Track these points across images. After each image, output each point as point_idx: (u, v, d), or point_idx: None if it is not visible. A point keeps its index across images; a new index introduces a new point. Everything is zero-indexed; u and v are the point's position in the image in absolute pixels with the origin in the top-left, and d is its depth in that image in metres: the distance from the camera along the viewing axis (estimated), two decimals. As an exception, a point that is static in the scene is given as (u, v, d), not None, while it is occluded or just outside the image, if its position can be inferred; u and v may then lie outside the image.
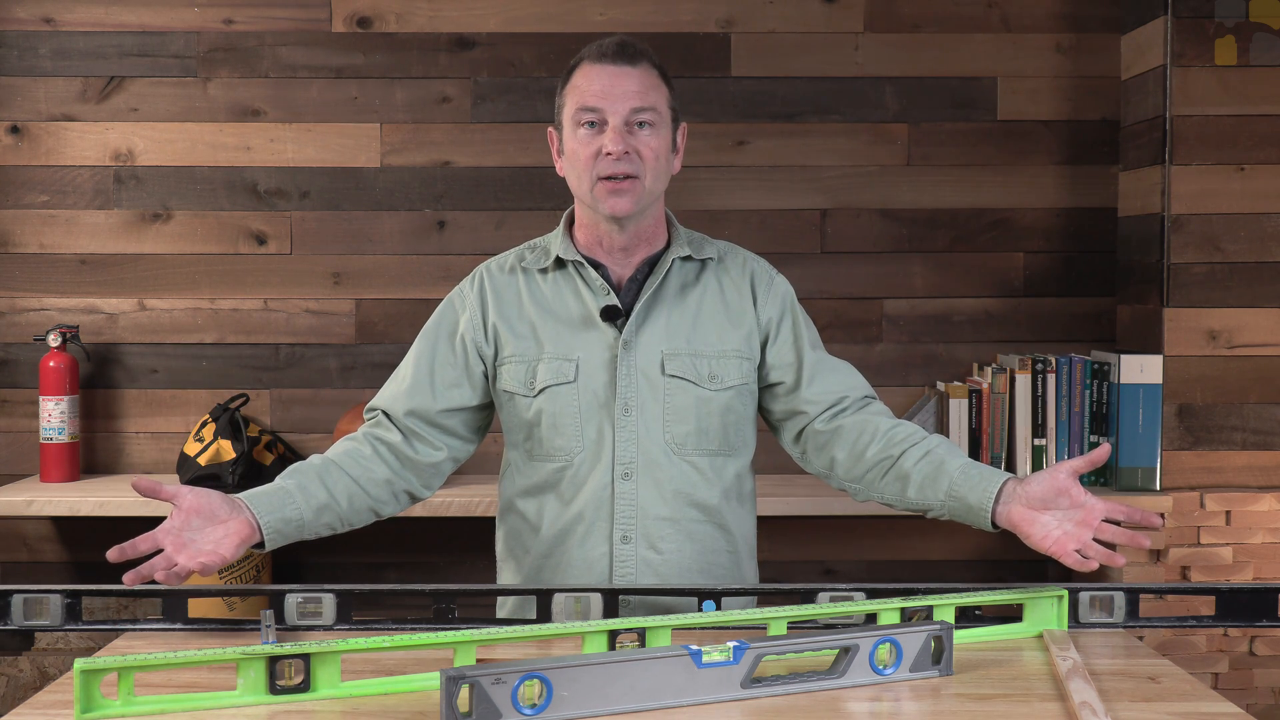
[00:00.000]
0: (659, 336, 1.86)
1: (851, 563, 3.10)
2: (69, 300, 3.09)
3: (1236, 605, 1.71)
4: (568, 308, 1.88)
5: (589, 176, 1.81)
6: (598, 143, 1.80)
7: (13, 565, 3.09)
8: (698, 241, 1.93)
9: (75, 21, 3.06)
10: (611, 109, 1.79)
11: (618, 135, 1.79)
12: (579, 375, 1.84)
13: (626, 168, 1.79)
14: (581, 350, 1.85)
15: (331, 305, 3.10)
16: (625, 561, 1.84)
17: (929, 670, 1.53)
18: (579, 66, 1.84)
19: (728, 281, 1.92)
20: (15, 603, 1.63)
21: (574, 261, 1.88)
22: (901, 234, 3.12)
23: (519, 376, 1.86)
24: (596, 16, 3.07)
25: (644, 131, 1.81)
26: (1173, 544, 2.87)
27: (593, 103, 1.80)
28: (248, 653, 1.41)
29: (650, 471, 1.84)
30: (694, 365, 1.86)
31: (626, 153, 1.79)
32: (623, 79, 1.80)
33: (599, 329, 1.86)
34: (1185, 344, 2.87)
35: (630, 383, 1.84)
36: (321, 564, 3.12)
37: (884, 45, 3.09)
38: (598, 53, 1.83)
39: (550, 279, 1.90)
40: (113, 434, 3.10)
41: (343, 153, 3.08)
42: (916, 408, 3.06)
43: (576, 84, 1.83)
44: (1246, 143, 2.85)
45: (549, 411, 1.85)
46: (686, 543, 1.86)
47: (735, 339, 1.89)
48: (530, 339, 1.87)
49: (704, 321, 1.88)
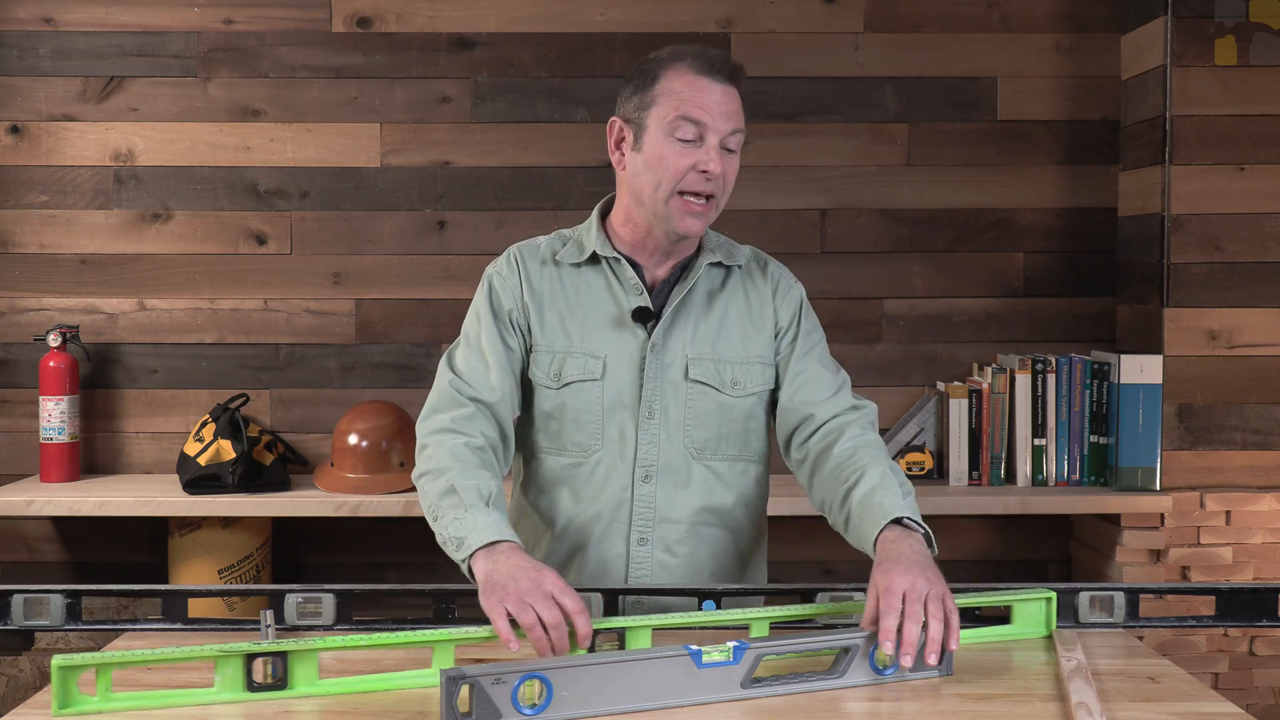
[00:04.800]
0: (685, 341, 1.85)
1: (852, 563, 3.10)
2: (69, 300, 3.09)
3: (1236, 605, 1.71)
4: (599, 304, 1.86)
5: (671, 186, 1.77)
6: (694, 157, 1.76)
7: (13, 565, 3.09)
8: (726, 247, 1.92)
9: (75, 21, 3.06)
10: (715, 127, 1.76)
11: (718, 155, 1.76)
12: (606, 374, 1.83)
13: (713, 188, 1.78)
14: (610, 349, 1.84)
15: (331, 305, 3.10)
16: (641, 563, 1.84)
17: (929, 670, 1.52)
18: (674, 69, 1.78)
19: (753, 288, 1.91)
20: (15, 603, 1.63)
21: (609, 258, 1.86)
22: (901, 234, 3.12)
23: (544, 367, 1.85)
24: (596, 16, 3.07)
25: (731, 153, 1.79)
26: (1173, 544, 2.87)
27: (698, 115, 1.75)
28: (225, 650, 1.42)
29: (670, 475, 1.84)
30: (717, 371, 1.85)
31: (721, 173, 1.77)
32: (725, 97, 1.77)
33: (629, 329, 1.84)
34: (1185, 344, 2.87)
35: (656, 386, 1.83)
36: (321, 564, 3.12)
37: (884, 45, 3.09)
38: (706, 64, 1.77)
39: (582, 273, 1.87)
40: (113, 434, 3.10)
41: (343, 153, 3.08)
42: (916, 408, 3.06)
43: (676, 89, 1.77)
44: (1246, 143, 2.85)
45: (571, 406, 1.83)
46: (701, 546, 1.86)
47: (759, 345, 1.88)
48: (559, 332, 1.85)
49: (729, 328, 1.87)
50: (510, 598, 1.51)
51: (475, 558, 1.60)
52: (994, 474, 2.95)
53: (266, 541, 2.98)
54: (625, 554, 1.84)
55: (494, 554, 1.59)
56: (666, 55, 1.80)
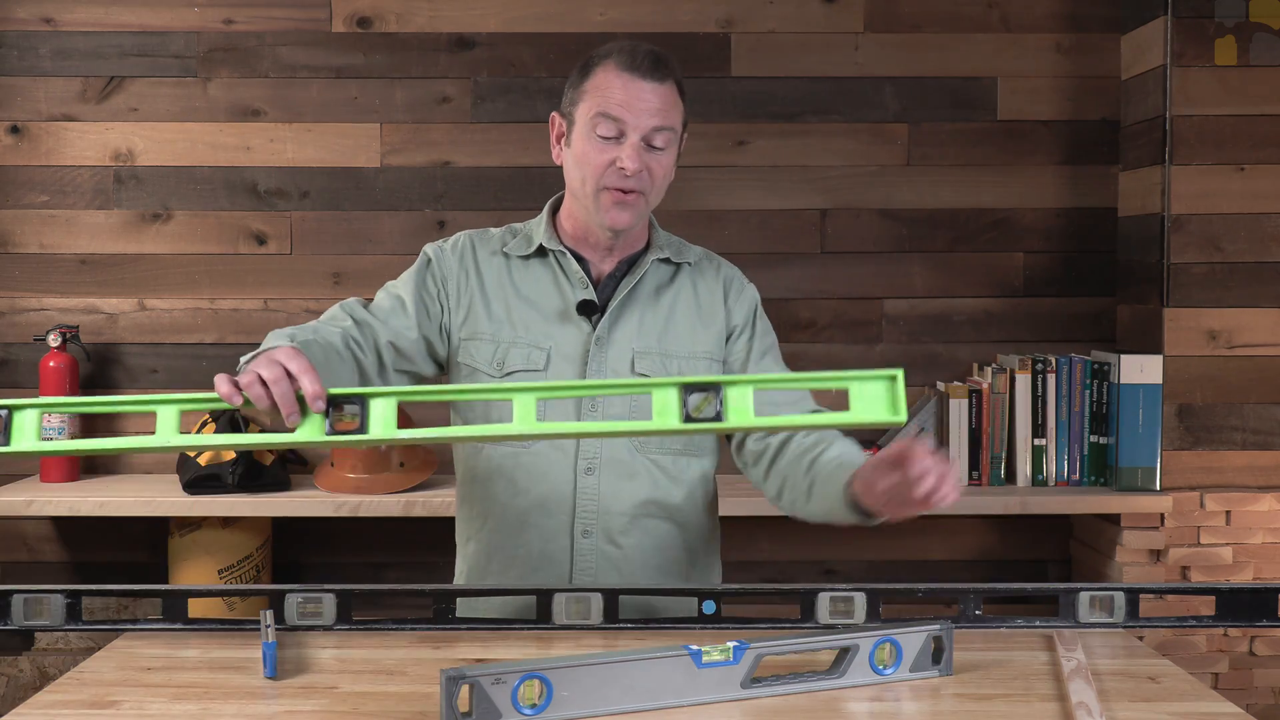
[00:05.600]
0: (631, 334, 1.85)
1: (851, 563, 3.10)
2: (69, 300, 3.09)
3: (1236, 605, 1.71)
4: (545, 297, 1.87)
5: (595, 182, 1.79)
6: (613, 153, 1.77)
7: (13, 565, 3.09)
8: (676, 245, 1.93)
9: (75, 21, 3.06)
10: (633, 123, 1.76)
11: (635, 153, 1.76)
12: (549, 365, 1.83)
13: (636, 184, 1.78)
14: (554, 341, 1.84)
15: (331, 305, 3.09)
16: (585, 555, 1.83)
17: (929, 670, 1.53)
18: (603, 66, 1.79)
19: (702, 285, 1.91)
20: (15, 603, 1.63)
21: (556, 251, 1.87)
22: (901, 234, 3.12)
23: (486, 355, 1.85)
24: (596, 16, 3.07)
25: (658, 149, 1.79)
26: (1173, 544, 2.87)
27: (615, 113, 1.76)
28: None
29: (613, 468, 1.83)
30: (664, 365, 1.85)
31: (639, 170, 1.77)
32: (649, 94, 1.77)
33: (573, 322, 1.85)
34: (1185, 344, 2.87)
35: (599, 378, 1.82)
36: (321, 564, 3.12)
37: (884, 45, 3.09)
38: (630, 61, 1.78)
39: (529, 266, 1.89)
40: (113, 434, 3.10)
41: (343, 153, 3.08)
42: (916, 408, 3.06)
43: (599, 85, 1.78)
44: (1246, 143, 2.85)
45: None
46: (645, 538, 1.85)
47: (707, 341, 1.88)
48: (504, 321, 1.86)
49: (676, 322, 1.88)
50: (243, 374, 1.52)
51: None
52: (994, 474, 2.95)
53: (266, 541, 2.98)
54: (570, 546, 1.83)
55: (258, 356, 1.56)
56: (602, 51, 1.82)
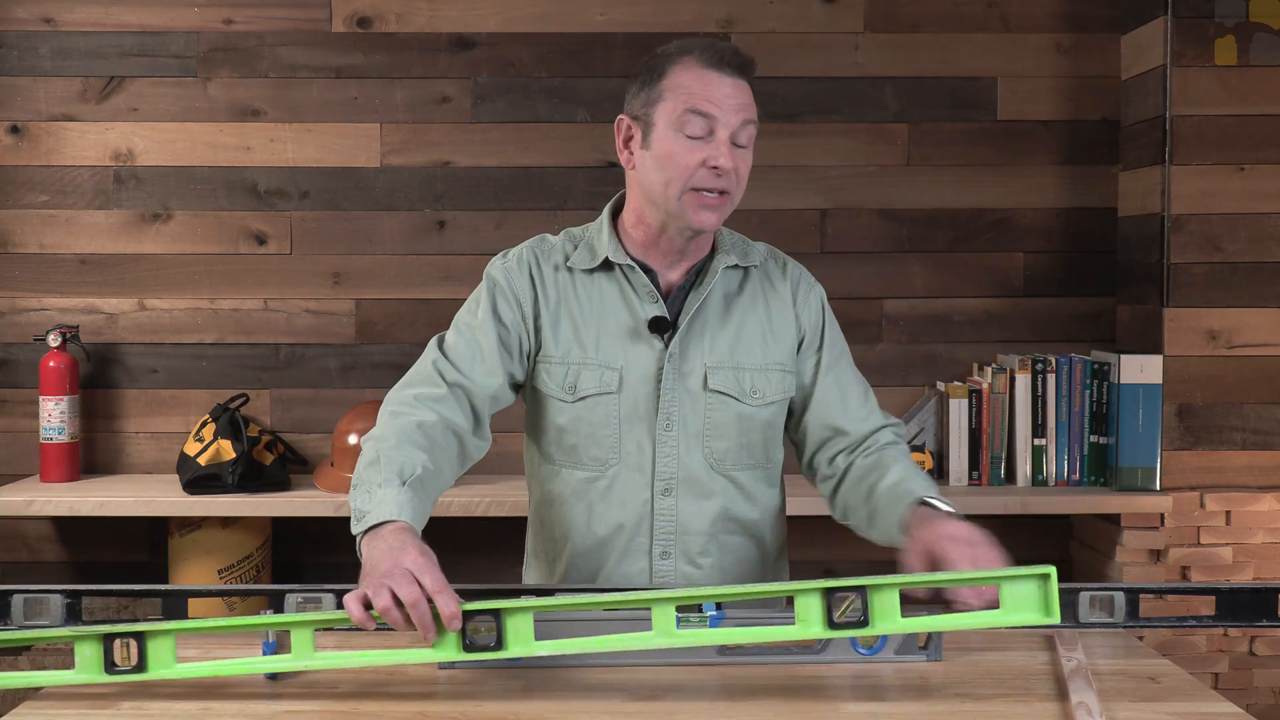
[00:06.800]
0: (704, 349, 1.79)
1: (851, 563, 3.10)
2: (69, 300, 3.09)
3: (1236, 605, 1.70)
4: (613, 313, 1.79)
5: (682, 183, 1.71)
6: (704, 152, 1.70)
7: (13, 565, 3.09)
8: (741, 246, 1.87)
9: (75, 21, 3.06)
10: (724, 120, 1.70)
11: (728, 150, 1.70)
12: (623, 386, 1.78)
13: (726, 184, 1.72)
14: (626, 360, 1.78)
15: (331, 305, 3.10)
16: (664, 576, 1.80)
17: (916, 654, 1.52)
18: (683, 64, 1.73)
19: (771, 292, 1.86)
20: (15, 603, 1.63)
21: (624, 265, 1.79)
22: (901, 234, 3.12)
23: (558, 379, 1.79)
24: (596, 16, 3.07)
25: (741, 148, 1.74)
26: (1173, 544, 2.87)
27: (706, 109, 1.70)
28: (81, 632, 1.45)
29: (690, 487, 1.80)
30: (736, 380, 1.80)
31: (732, 168, 1.72)
32: (737, 91, 1.72)
33: (645, 339, 1.78)
34: (1185, 344, 2.87)
35: (674, 397, 1.78)
36: (321, 564, 3.12)
37: (884, 45, 3.09)
38: (714, 58, 1.72)
39: (594, 280, 1.81)
40: (113, 434, 3.10)
41: (343, 153, 3.08)
42: (916, 408, 3.06)
43: (683, 83, 1.71)
44: (1246, 143, 2.85)
45: (587, 420, 1.78)
46: (724, 555, 1.83)
47: (778, 352, 1.84)
48: (573, 343, 1.79)
49: (748, 334, 1.82)
50: (369, 581, 1.43)
51: (366, 537, 1.52)
52: (994, 474, 2.95)
53: (266, 541, 2.98)
54: (649, 568, 1.81)
55: (379, 535, 1.50)
56: (674, 49, 1.75)
